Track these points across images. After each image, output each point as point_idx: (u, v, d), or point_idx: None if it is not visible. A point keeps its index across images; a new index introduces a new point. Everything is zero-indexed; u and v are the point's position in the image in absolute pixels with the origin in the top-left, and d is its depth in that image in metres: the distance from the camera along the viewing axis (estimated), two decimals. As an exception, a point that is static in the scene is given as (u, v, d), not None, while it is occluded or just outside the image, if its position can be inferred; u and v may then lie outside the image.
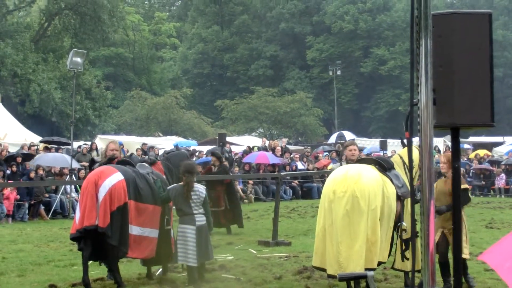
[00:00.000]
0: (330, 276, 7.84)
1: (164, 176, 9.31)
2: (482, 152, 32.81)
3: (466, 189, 8.26)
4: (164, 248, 8.95)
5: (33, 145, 23.66)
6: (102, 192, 8.26)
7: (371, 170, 7.97)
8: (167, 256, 9.05)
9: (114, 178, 8.41)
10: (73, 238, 8.58)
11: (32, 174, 19.11)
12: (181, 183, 8.72)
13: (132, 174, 8.66)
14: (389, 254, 8.18)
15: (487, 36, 4.77)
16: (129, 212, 8.42)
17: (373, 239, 7.56)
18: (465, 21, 4.73)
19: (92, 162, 9.91)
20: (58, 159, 21.10)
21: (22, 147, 22.65)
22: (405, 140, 5.24)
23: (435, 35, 4.34)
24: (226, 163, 17.06)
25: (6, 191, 17.92)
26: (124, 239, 8.36)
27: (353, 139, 21.40)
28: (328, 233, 7.71)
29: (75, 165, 20.87)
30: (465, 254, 7.89)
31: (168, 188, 8.83)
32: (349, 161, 8.62)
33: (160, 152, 21.67)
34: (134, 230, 8.49)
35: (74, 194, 19.58)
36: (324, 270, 7.95)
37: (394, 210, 7.88)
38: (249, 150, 28.49)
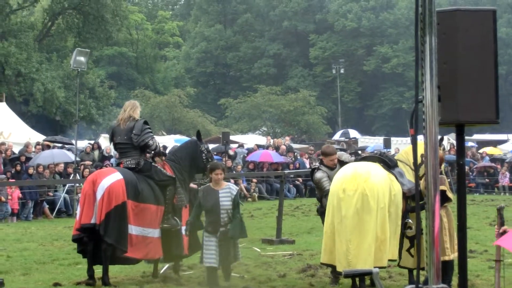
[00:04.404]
0: (339, 273, 7.84)
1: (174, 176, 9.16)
2: (492, 151, 32.76)
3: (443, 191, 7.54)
4: (175, 246, 8.97)
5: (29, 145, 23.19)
6: (100, 191, 8.36)
7: (378, 169, 7.96)
8: (178, 254, 9.07)
9: (112, 177, 8.50)
10: (74, 240, 8.75)
11: (31, 170, 19.07)
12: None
13: (132, 176, 8.69)
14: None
15: (491, 33, 4.75)
16: (128, 212, 8.45)
17: (383, 238, 7.56)
18: (470, 18, 4.73)
19: None
20: (56, 155, 20.95)
21: (26, 146, 22.58)
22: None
23: (439, 32, 4.33)
24: None
25: (10, 191, 17.94)
26: (122, 238, 8.41)
27: (334, 144, 20.72)
28: (337, 231, 7.72)
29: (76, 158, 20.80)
30: (448, 256, 7.52)
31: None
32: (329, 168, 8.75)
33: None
34: (135, 230, 8.52)
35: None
36: (332, 266, 7.96)
37: (400, 208, 7.87)
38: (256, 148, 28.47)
